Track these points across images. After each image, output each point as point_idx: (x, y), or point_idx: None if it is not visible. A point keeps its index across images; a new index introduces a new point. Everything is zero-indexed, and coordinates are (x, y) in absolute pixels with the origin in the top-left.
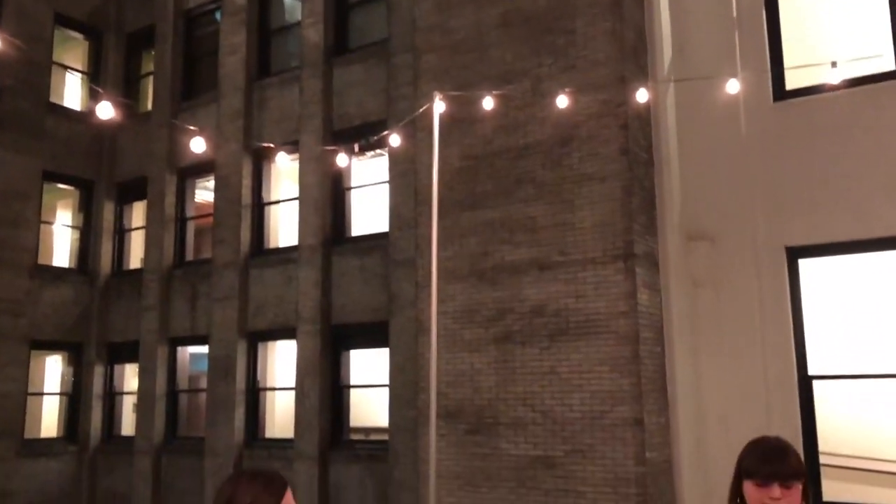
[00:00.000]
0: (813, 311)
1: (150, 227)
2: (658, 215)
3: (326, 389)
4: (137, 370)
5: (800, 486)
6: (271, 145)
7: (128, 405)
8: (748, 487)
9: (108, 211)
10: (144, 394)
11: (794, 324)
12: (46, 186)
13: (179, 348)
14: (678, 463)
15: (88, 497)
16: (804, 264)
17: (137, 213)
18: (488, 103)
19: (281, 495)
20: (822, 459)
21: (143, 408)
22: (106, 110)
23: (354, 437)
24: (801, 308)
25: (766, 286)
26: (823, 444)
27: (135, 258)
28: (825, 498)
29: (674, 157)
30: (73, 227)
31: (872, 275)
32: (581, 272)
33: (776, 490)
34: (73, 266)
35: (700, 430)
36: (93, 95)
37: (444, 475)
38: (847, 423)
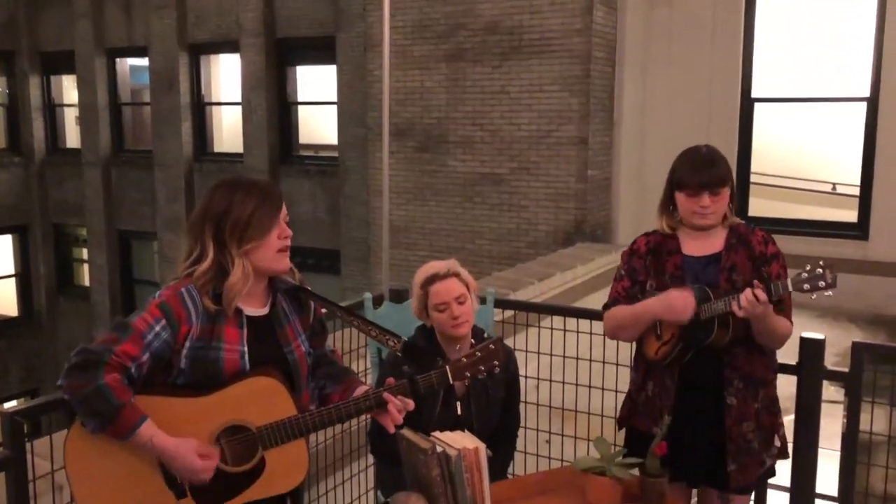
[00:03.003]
0: (764, 33)
1: None
2: None
3: (274, 105)
4: (76, 82)
5: (727, 191)
6: None
7: (70, 118)
8: (680, 198)
9: None
10: (86, 106)
11: (744, 46)
12: None
13: (118, 60)
14: (617, 180)
15: (40, 207)
16: None
17: None
18: None
19: (279, 209)
20: (753, 178)
21: (86, 120)
22: None
23: (304, 153)
24: (753, 30)
25: (721, 5)
26: (756, 165)
27: None
28: (751, 213)
29: None
30: None
31: None
32: None
33: (705, 199)
34: None
35: (641, 149)
36: None
37: (394, 190)
38: (780, 145)
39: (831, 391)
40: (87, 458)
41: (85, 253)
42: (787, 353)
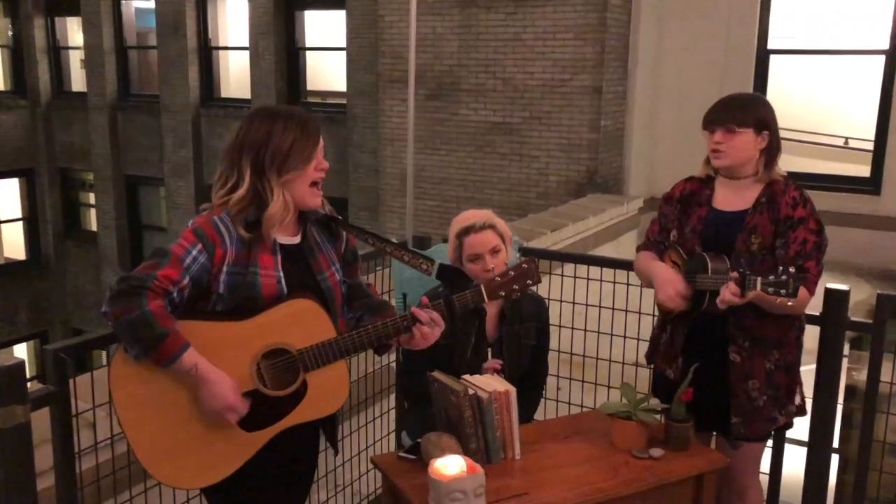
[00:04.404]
0: None
1: None
2: None
3: (282, 50)
4: (81, 24)
5: (747, 133)
6: None
7: (75, 61)
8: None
9: None
10: (91, 49)
11: None
12: None
13: (123, 2)
14: (630, 131)
15: (47, 150)
16: None
17: None
18: None
19: (318, 140)
20: None
21: (91, 63)
22: None
23: (312, 100)
24: None
25: None
26: None
27: None
28: None
29: None
30: None
31: None
32: None
33: (718, 135)
34: None
35: (655, 100)
36: None
37: (403, 139)
38: (793, 98)
39: None
40: (132, 382)
41: (92, 197)
42: (810, 305)
